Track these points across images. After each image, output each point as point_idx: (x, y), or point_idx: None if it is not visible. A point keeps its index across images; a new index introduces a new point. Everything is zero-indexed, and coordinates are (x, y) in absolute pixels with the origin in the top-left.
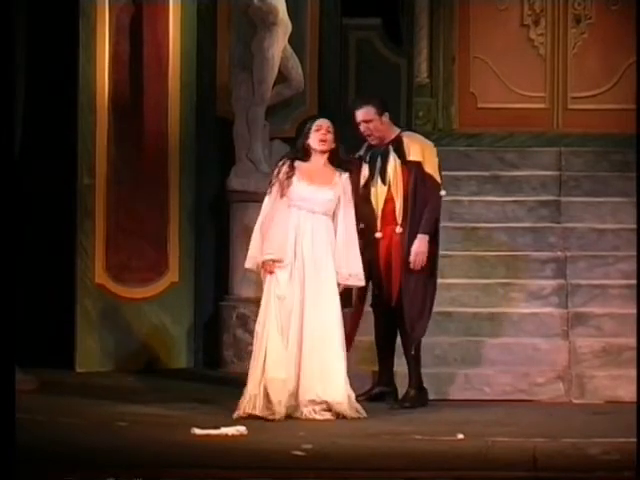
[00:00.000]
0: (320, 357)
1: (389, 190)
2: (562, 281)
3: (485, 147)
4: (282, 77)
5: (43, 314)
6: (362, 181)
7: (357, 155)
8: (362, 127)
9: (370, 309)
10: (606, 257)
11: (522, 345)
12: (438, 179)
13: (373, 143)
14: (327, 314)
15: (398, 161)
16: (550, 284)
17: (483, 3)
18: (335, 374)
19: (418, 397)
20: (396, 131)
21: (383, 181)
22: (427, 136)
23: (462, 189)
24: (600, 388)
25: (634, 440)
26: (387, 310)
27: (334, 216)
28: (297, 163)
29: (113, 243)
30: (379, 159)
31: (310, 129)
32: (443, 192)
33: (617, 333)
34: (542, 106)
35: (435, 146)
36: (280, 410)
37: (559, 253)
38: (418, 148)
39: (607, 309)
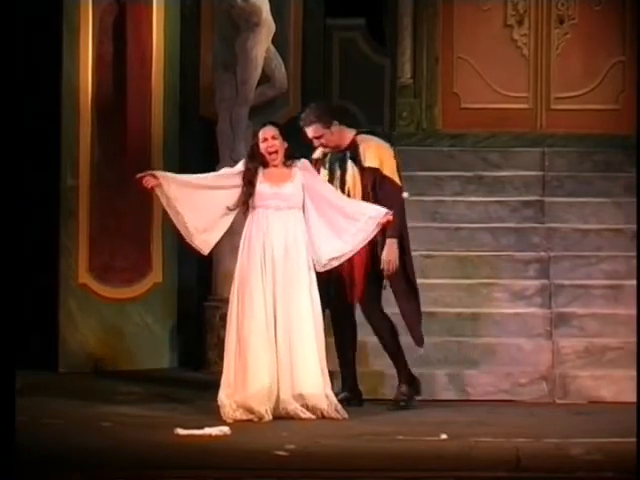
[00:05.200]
0: (294, 352)
1: (348, 197)
2: (545, 281)
3: (468, 147)
4: (265, 77)
5: (26, 314)
6: None
7: (312, 158)
8: (315, 142)
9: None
10: (589, 257)
11: (505, 345)
12: (398, 181)
13: (327, 152)
14: (300, 308)
15: (356, 169)
16: (533, 284)
17: (466, 3)
18: (309, 368)
19: (411, 390)
20: (350, 134)
21: (342, 189)
22: (411, 136)
23: (445, 189)
24: (583, 388)
25: (617, 440)
26: (346, 312)
27: (304, 208)
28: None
29: (96, 244)
30: (337, 166)
31: (258, 139)
32: (405, 194)
33: (600, 333)
34: (525, 106)
35: (392, 146)
36: (268, 416)
37: (542, 253)
38: (374, 153)
39: (590, 309)
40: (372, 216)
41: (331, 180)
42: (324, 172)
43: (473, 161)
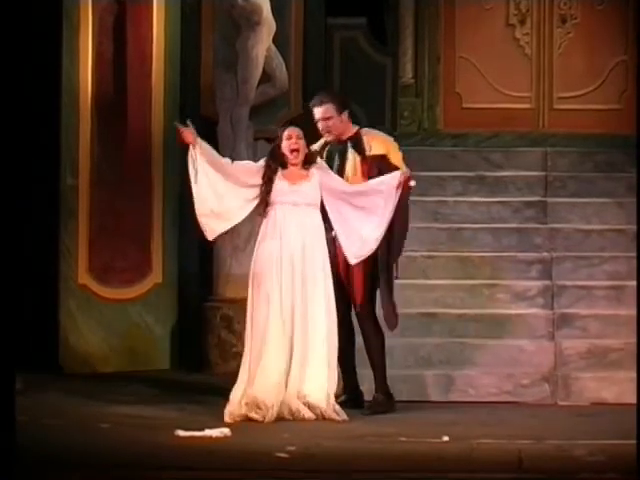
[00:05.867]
0: (307, 352)
1: None
2: (548, 282)
3: (470, 147)
4: (266, 77)
5: (26, 315)
6: None
7: (312, 149)
8: (321, 124)
9: None
10: (591, 258)
11: (507, 346)
12: (404, 169)
13: (329, 139)
14: (316, 308)
15: (358, 158)
16: (536, 285)
17: (468, 3)
18: (317, 368)
19: (387, 402)
20: (354, 128)
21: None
22: (412, 136)
23: (447, 189)
24: (585, 390)
25: (619, 442)
26: (343, 314)
27: (332, 208)
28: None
29: (96, 244)
30: (337, 156)
31: (281, 138)
32: (413, 182)
33: (602, 334)
34: (528, 106)
35: (395, 141)
36: (272, 413)
37: (545, 254)
38: (381, 143)
39: (592, 310)
40: (390, 182)
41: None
42: (321, 162)
43: (475, 161)
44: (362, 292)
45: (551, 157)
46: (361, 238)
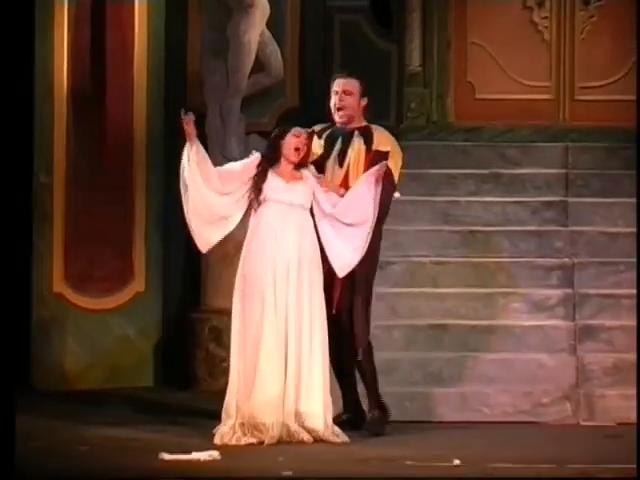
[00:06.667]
0: (301, 368)
1: (346, 175)
2: (569, 290)
3: (484, 142)
4: (259, 65)
5: None
6: (312, 158)
7: (310, 129)
8: (337, 97)
9: None
10: (617, 264)
11: (525, 361)
12: (395, 179)
13: (339, 120)
14: (311, 322)
15: (363, 147)
16: (556, 294)
17: None
18: (313, 387)
19: (383, 417)
20: (364, 122)
21: (340, 164)
22: (420, 130)
23: (459, 188)
24: (611, 408)
25: None
26: (338, 322)
27: (326, 218)
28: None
29: (73, 248)
30: (339, 141)
31: (286, 133)
32: (397, 194)
33: (629, 348)
34: (547, 97)
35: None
36: (273, 435)
37: (566, 259)
38: (389, 143)
39: (619, 321)
40: (368, 180)
41: (327, 154)
42: (318, 142)
43: (489, 157)
44: (340, 296)
45: (572, 153)
46: (347, 249)
